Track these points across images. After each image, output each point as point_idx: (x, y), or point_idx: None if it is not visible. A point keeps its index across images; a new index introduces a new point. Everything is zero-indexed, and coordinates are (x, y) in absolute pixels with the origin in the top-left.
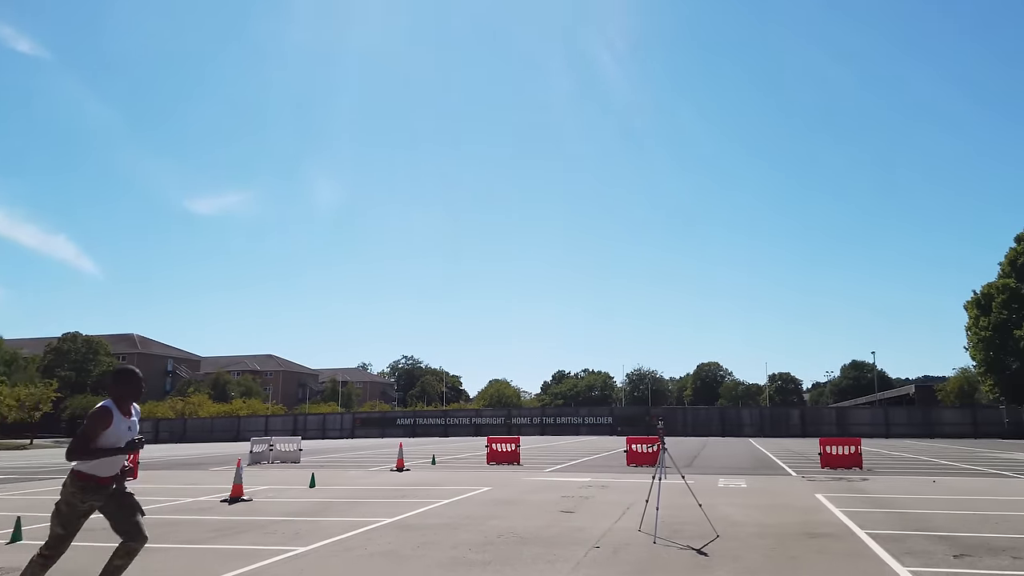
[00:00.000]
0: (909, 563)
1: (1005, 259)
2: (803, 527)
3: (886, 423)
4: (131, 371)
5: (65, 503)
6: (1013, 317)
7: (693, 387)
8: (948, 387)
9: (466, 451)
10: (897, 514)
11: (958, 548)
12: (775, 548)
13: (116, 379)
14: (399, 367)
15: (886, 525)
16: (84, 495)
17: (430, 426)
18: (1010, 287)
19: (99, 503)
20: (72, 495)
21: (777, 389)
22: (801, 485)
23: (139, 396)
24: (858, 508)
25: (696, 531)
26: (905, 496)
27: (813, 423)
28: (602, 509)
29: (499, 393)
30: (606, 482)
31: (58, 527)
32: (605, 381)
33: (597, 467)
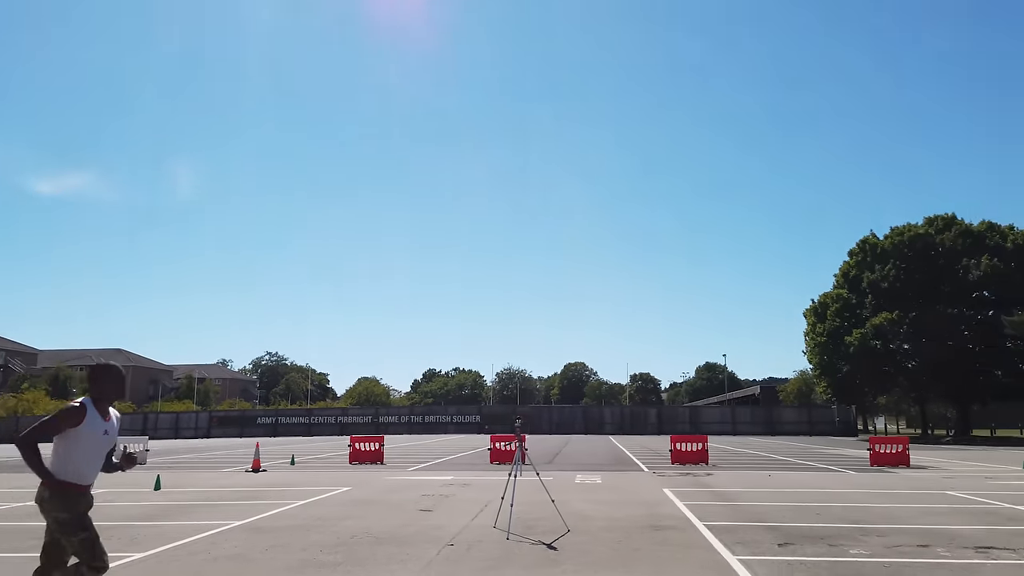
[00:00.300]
0: (739, 552)
1: (839, 271)
2: (649, 520)
3: (733, 421)
4: (110, 367)
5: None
6: (845, 324)
7: (560, 386)
8: (789, 388)
9: (328, 451)
10: (734, 506)
11: (783, 537)
12: (621, 541)
13: (93, 376)
14: (263, 364)
15: (723, 517)
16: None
17: (293, 425)
18: (843, 297)
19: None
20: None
21: (638, 389)
22: (652, 480)
23: (121, 396)
24: (700, 501)
25: (549, 526)
26: (743, 489)
27: (669, 421)
28: (461, 507)
29: (368, 391)
30: (468, 480)
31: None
32: (476, 380)
33: (461, 465)
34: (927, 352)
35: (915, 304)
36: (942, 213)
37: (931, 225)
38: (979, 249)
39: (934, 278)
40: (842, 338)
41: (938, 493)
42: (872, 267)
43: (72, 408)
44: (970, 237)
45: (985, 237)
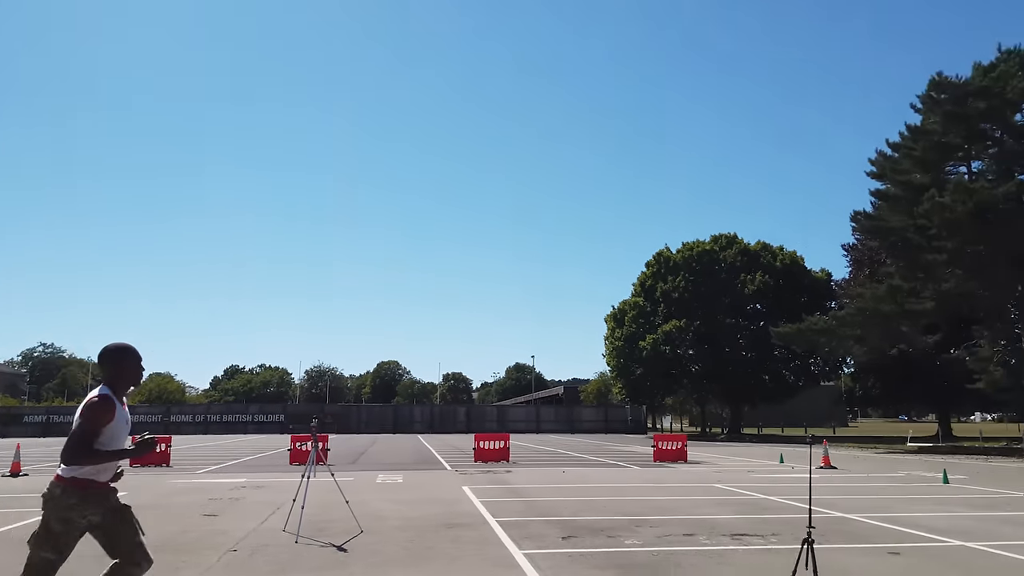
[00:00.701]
0: (526, 546)
1: (638, 280)
2: (444, 518)
3: (537, 420)
4: (128, 348)
5: (59, 520)
6: (640, 330)
7: (372, 385)
8: (589, 389)
9: None
10: (527, 502)
11: (568, 531)
12: (413, 540)
13: (113, 359)
14: (34, 356)
15: (515, 513)
16: (85, 507)
17: (67, 424)
18: (639, 304)
19: (98, 517)
20: (69, 509)
21: (450, 388)
22: (453, 479)
23: (139, 380)
24: (496, 498)
25: (342, 527)
26: (538, 486)
27: (477, 420)
28: (251, 510)
29: (160, 388)
30: (263, 482)
31: (48, 552)
32: (283, 378)
33: (258, 467)
34: (708, 357)
35: (700, 313)
36: (726, 232)
37: (716, 242)
38: (755, 266)
39: (717, 291)
40: (637, 343)
41: (707, 486)
42: (665, 278)
43: (104, 404)
44: (747, 255)
45: (760, 256)
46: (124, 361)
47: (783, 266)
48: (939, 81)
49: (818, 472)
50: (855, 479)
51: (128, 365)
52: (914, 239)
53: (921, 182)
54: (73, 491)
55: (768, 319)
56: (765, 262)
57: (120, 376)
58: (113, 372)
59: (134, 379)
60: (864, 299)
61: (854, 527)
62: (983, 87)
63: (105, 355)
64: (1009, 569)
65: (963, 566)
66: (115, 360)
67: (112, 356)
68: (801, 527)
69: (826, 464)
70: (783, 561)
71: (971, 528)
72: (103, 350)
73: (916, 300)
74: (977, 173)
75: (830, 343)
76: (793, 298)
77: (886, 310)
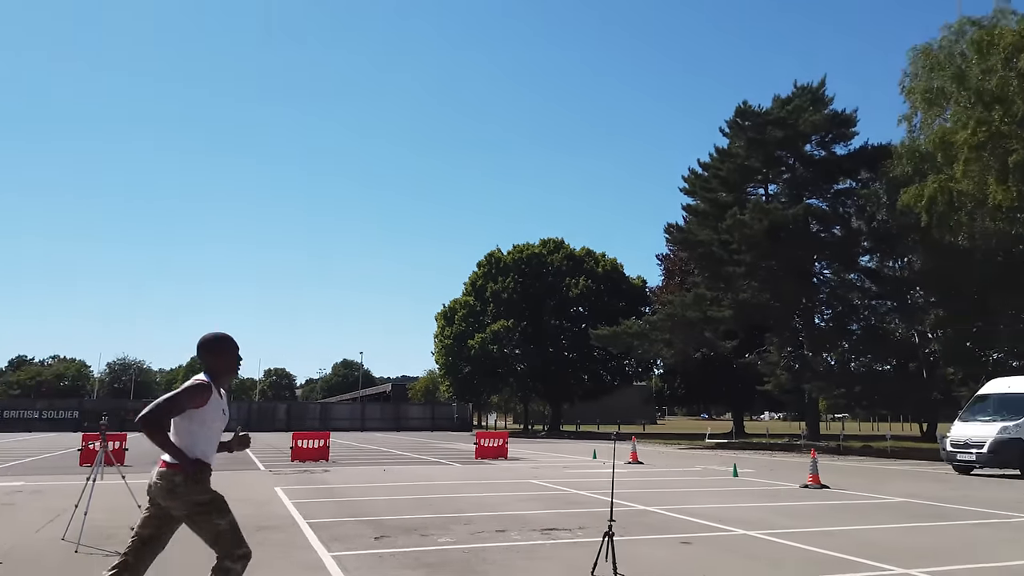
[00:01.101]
0: (335, 548)
1: (469, 280)
2: (249, 521)
3: (363, 418)
4: (227, 338)
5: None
6: (469, 329)
7: (185, 379)
8: (418, 386)
9: None
10: (342, 502)
11: (381, 531)
12: None
13: (212, 348)
14: None
15: (328, 514)
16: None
17: None
18: (469, 304)
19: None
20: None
21: (272, 384)
22: (265, 479)
23: (237, 370)
24: (310, 499)
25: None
26: (356, 485)
27: (298, 418)
28: (25, 518)
29: None
30: (44, 486)
31: (219, 518)
32: (79, 370)
33: (41, 469)
34: (533, 357)
35: (527, 314)
36: (554, 236)
37: (545, 246)
38: (579, 271)
39: (544, 293)
40: (466, 341)
41: (524, 482)
42: (496, 279)
43: (200, 385)
44: (573, 260)
45: (584, 261)
46: (223, 351)
47: (605, 272)
48: (744, 109)
49: (626, 467)
50: (658, 473)
51: (227, 355)
52: (718, 252)
53: (726, 200)
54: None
55: (589, 321)
56: (589, 267)
57: (219, 366)
58: (213, 362)
59: (233, 369)
60: (674, 306)
61: (653, 519)
62: (780, 118)
63: (205, 345)
64: (781, 553)
65: (743, 552)
66: (214, 350)
67: (211, 346)
68: (607, 520)
69: (634, 460)
70: (588, 553)
71: (753, 518)
72: (203, 340)
73: (718, 308)
74: (773, 195)
75: (643, 346)
76: (612, 302)
77: (692, 316)
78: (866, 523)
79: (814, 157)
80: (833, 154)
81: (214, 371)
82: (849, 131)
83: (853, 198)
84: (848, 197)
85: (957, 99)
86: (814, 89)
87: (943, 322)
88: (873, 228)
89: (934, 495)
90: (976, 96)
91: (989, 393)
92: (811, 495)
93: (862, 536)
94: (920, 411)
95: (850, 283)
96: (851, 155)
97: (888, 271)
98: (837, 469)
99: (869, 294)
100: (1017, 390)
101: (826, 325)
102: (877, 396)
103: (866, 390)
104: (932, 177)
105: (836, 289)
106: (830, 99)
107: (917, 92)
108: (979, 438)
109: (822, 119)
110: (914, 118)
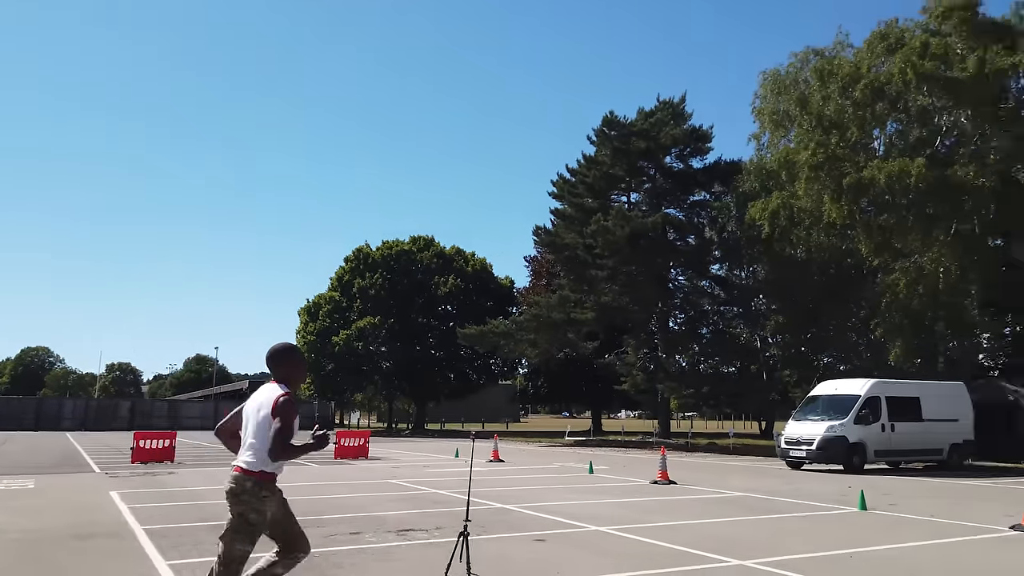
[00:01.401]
0: (173, 556)
1: (335, 275)
2: (78, 528)
3: (216, 416)
4: (295, 348)
5: (256, 512)
6: (334, 325)
7: (13, 374)
8: None
9: None
10: (185, 506)
11: None
12: (27, 555)
13: (288, 359)
14: None
15: (169, 519)
16: (273, 499)
17: None
18: (335, 299)
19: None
20: (262, 501)
21: (115, 380)
22: (99, 483)
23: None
24: (149, 503)
25: None
26: (202, 488)
27: (144, 416)
28: None
29: None
30: None
31: (245, 543)
32: None
33: None
34: (400, 354)
35: (394, 312)
36: (424, 234)
37: (415, 243)
38: (448, 269)
39: (413, 290)
40: (330, 338)
41: (383, 482)
42: (364, 274)
43: (292, 399)
44: (443, 258)
45: (454, 260)
46: (299, 360)
47: (474, 271)
48: (610, 119)
49: (487, 466)
50: (517, 471)
51: (302, 363)
52: (582, 256)
53: (592, 206)
54: (264, 484)
55: (457, 320)
56: (458, 267)
57: (296, 374)
58: (286, 371)
59: (303, 376)
60: (539, 307)
61: (510, 517)
62: (644, 129)
63: (277, 355)
64: (628, 548)
65: (593, 548)
66: (291, 360)
67: (284, 356)
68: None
69: (495, 458)
70: (444, 554)
71: (604, 514)
72: (275, 351)
73: (581, 310)
74: (635, 203)
75: (509, 345)
76: (481, 302)
77: (556, 318)
78: (708, 517)
79: (673, 169)
80: (690, 167)
81: (289, 379)
82: (705, 146)
83: (707, 210)
84: (703, 208)
85: (800, 122)
86: (675, 104)
87: (782, 328)
88: (723, 239)
89: (770, 489)
90: (816, 120)
91: (819, 395)
92: (660, 491)
93: (704, 530)
94: (760, 410)
95: (702, 289)
96: (706, 169)
97: (735, 279)
98: (685, 465)
99: (718, 300)
100: (843, 392)
101: (679, 328)
102: (722, 396)
103: (713, 390)
104: (776, 193)
105: (689, 295)
106: (689, 115)
107: (766, 113)
108: (809, 436)
109: (681, 133)
110: (762, 137)
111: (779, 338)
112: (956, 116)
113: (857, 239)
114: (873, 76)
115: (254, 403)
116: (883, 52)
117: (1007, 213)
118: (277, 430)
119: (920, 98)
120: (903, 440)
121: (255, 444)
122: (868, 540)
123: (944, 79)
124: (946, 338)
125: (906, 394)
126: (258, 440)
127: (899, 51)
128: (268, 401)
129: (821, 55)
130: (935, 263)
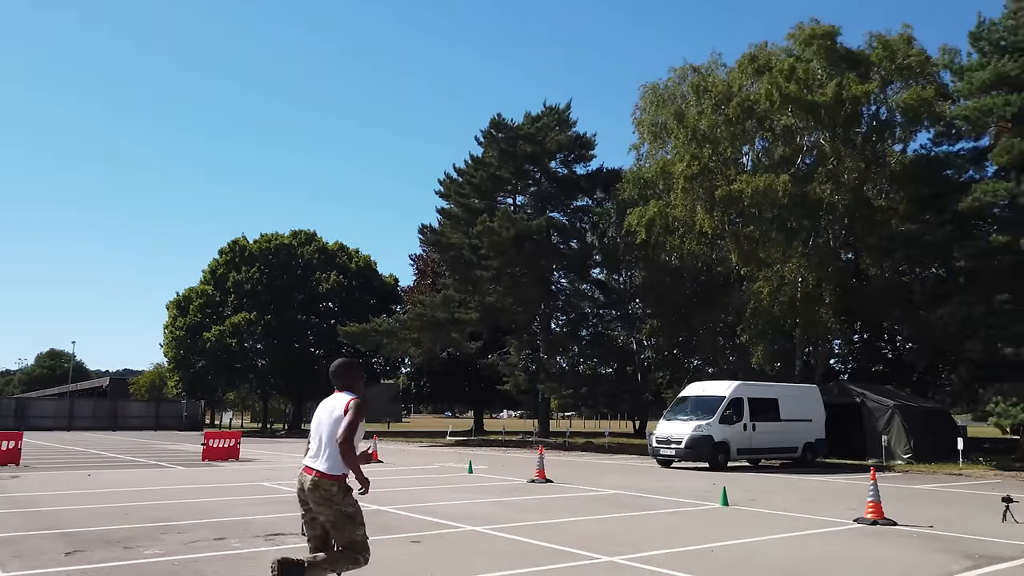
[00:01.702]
0: (14, 567)
1: (208, 268)
2: None
3: (70, 415)
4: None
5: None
6: (206, 321)
7: None
8: (141, 381)
9: None
10: (30, 513)
11: (75, 544)
12: None
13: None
14: None
15: (10, 527)
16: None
17: None
18: (208, 293)
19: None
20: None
21: None
22: None
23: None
24: None
25: None
26: (51, 493)
27: None
28: None
29: None
30: None
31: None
32: None
33: None
34: (276, 352)
35: (272, 308)
36: (306, 228)
37: (295, 238)
38: (331, 265)
39: (292, 286)
40: (201, 333)
41: (254, 484)
42: (240, 268)
43: (365, 402)
44: (325, 254)
45: (336, 256)
46: (352, 371)
47: (358, 268)
48: (498, 121)
49: (365, 467)
50: (397, 472)
51: (356, 373)
52: (468, 256)
53: (478, 207)
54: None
55: (339, 318)
56: (341, 263)
57: (352, 383)
58: (345, 380)
59: (361, 384)
60: (424, 306)
61: (387, 519)
62: (530, 133)
63: (344, 367)
64: (503, 547)
65: (468, 548)
66: (344, 372)
67: (343, 368)
68: None
69: (375, 459)
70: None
71: (481, 514)
72: (341, 365)
73: (465, 310)
74: (521, 206)
75: (392, 344)
76: (364, 299)
77: (441, 317)
78: (582, 515)
79: (558, 174)
80: (574, 173)
81: (354, 387)
82: (588, 153)
83: (589, 215)
84: (585, 214)
85: (677, 135)
86: (561, 111)
87: (656, 332)
88: (604, 244)
89: (641, 486)
90: (692, 134)
91: (688, 395)
92: (537, 489)
93: (577, 527)
94: (635, 410)
95: (583, 293)
96: (589, 175)
97: (614, 284)
98: (563, 464)
99: (598, 303)
100: (710, 393)
101: (561, 330)
102: (600, 396)
103: (591, 391)
104: (653, 202)
105: (571, 297)
106: (574, 122)
107: (645, 125)
108: (678, 435)
109: (566, 139)
110: (642, 148)
111: (653, 341)
112: (816, 137)
113: (727, 248)
114: (744, 95)
115: (325, 409)
116: (752, 73)
117: (858, 229)
118: (348, 422)
119: (784, 118)
120: (763, 439)
121: (333, 448)
122: (729, 535)
123: (806, 102)
124: (802, 343)
125: (766, 395)
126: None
127: (767, 73)
128: (341, 403)
129: (698, 72)
130: (795, 273)
